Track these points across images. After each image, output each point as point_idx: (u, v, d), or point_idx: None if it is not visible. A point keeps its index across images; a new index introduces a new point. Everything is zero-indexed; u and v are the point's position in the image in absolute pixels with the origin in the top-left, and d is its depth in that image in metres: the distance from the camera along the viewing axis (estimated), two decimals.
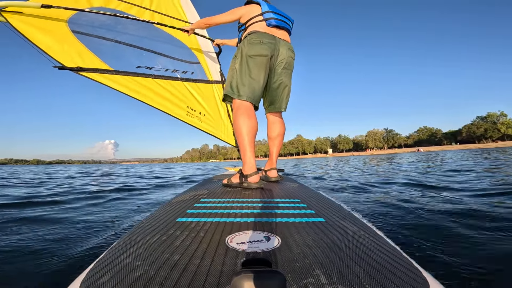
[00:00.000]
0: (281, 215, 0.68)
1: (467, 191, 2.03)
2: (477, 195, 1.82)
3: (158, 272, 0.36)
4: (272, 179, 1.41)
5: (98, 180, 4.77)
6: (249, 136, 1.18)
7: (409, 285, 0.34)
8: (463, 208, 1.43)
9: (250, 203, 0.81)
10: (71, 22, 1.67)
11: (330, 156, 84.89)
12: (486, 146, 56.11)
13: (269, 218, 0.64)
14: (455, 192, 2.00)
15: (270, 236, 0.51)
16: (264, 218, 0.64)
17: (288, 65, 1.37)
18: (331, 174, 4.84)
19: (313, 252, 0.44)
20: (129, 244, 0.47)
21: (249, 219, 0.63)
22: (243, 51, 1.26)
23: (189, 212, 0.71)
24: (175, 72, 2.06)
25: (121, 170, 12.39)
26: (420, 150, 66.59)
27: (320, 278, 0.35)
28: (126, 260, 0.40)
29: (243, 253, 0.43)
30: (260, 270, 0.28)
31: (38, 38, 1.53)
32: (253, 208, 0.74)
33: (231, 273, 0.36)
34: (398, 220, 1.30)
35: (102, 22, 1.80)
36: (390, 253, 0.44)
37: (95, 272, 0.37)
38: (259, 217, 0.65)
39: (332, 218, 0.67)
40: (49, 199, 2.31)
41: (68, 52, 1.62)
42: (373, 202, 1.81)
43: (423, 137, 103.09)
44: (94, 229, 1.31)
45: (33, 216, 1.59)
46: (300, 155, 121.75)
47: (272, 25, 1.32)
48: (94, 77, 1.70)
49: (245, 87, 1.23)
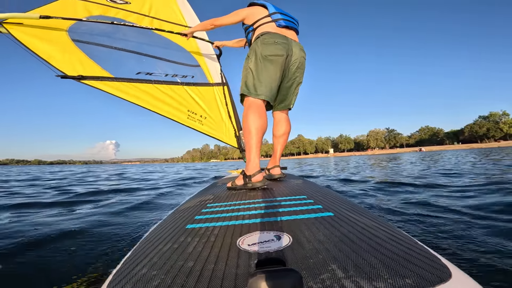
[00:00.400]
0: (289, 212, 0.68)
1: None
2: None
3: (174, 280, 0.36)
4: (276, 177, 1.42)
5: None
6: (258, 135, 1.19)
7: (429, 273, 0.33)
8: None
9: (257, 204, 0.81)
10: (71, 31, 1.70)
11: (332, 156, 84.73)
12: (488, 146, 55.77)
13: (277, 217, 0.64)
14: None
15: (280, 235, 0.51)
16: (272, 217, 0.64)
17: (301, 64, 1.39)
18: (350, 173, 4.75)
19: (326, 247, 0.44)
20: (143, 254, 0.48)
21: (258, 220, 0.63)
22: (257, 51, 1.26)
23: (197, 218, 0.71)
24: (175, 77, 2.07)
25: (133, 170, 12.10)
26: (422, 149, 66.25)
27: (336, 272, 0.35)
28: (143, 271, 0.40)
29: (256, 254, 0.42)
30: (275, 270, 0.28)
31: (39, 48, 1.55)
32: (260, 209, 0.74)
33: (246, 275, 0.36)
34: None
35: (101, 30, 1.81)
36: (405, 242, 0.43)
37: (115, 284, 0.37)
38: (267, 216, 0.65)
39: (341, 212, 0.66)
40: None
41: (69, 60, 1.64)
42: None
43: (425, 137, 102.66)
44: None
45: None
46: (301, 155, 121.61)
47: (282, 25, 1.33)
48: (95, 85, 1.72)
49: (262, 86, 1.23)
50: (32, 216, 1.68)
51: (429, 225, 1.18)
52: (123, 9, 1.91)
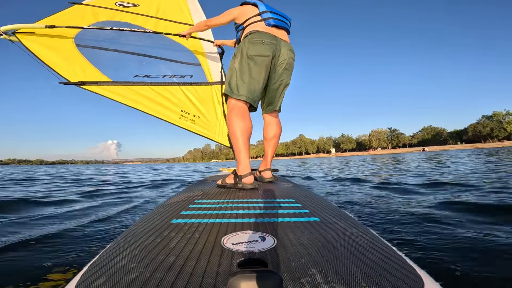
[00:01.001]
0: (276, 215, 0.68)
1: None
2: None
3: (153, 274, 0.35)
4: (267, 180, 1.41)
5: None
6: (243, 137, 1.17)
7: (403, 283, 0.34)
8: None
9: (245, 204, 0.81)
10: (77, 38, 1.77)
11: (333, 156, 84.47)
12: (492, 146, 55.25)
13: (264, 218, 0.64)
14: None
15: (265, 236, 0.51)
16: (259, 218, 0.64)
17: (289, 66, 1.35)
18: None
19: (309, 251, 0.44)
20: (123, 246, 0.47)
21: (244, 220, 0.63)
22: (244, 50, 1.24)
23: (183, 213, 0.70)
24: (172, 78, 2.11)
25: (147, 170, 11.65)
26: (426, 149, 65.67)
27: (316, 277, 0.35)
28: (121, 263, 0.39)
29: (239, 254, 0.43)
30: (256, 270, 0.28)
31: (46, 55, 1.64)
32: (248, 209, 0.74)
33: (227, 274, 0.36)
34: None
35: (106, 35, 1.90)
36: (385, 251, 0.45)
37: (90, 275, 0.36)
38: (254, 217, 0.65)
39: (327, 217, 0.66)
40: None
41: (72, 67, 1.72)
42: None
43: (428, 137, 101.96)
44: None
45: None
46: (303, 155, 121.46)
47: (271, 24, 1.30)
48: (94, 89, 1.79)
49: (245, 87, 1.21)
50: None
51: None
52: (131, 12, 1.97)
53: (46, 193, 2.80)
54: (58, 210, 1.79)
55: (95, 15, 1.82)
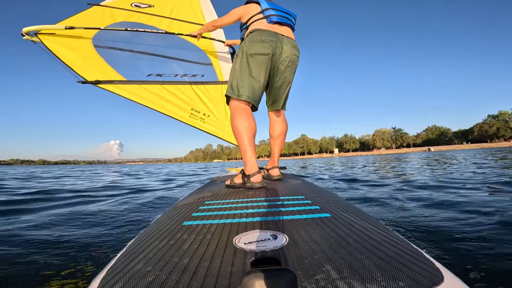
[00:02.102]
0: (286, 212, 0.68)
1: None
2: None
3: (169, 276, 0.36)
4: (275, 178, 1.41)
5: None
6: (248, 136, 1.17)
7: (422, 276, 0.34)
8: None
9: (255, 203, 0.81)
10: (95, 39, 1.84)
11: (337, 156, 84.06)
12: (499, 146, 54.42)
13: (275, 216, 0.64)
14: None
15: (277, 234, 0.51)
16: (270, 216, 0.64)
17: (292, 63, 1.33)
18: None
19: (321, 248, 0.44)
20: (138, 250, 0.48)
21: (255, 219, 0.63)
22: (244, 49, 1.24)
23: (194, 215, 0.71)
24: (184, 77, 2.15)
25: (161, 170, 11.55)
26: (431, 149, 64.86)
27: (330, 273, 0.35)
28: (137, 267, 0.40)
29: (252, 253, 0.43)
30: (270, 269, 0.28)
31: (66, 55, 1.70)
32: (257, 208, 0.74)
33: (241, 274, 0.36)
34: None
35: (122, 36, 1.95)
36: (400, 245, 0.44)
37: (108, 280, 0.37)
38: (264, 216, 0.65)
39: (338, 213, 0.66)
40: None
41: (90, 67, 1.78)
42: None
43: (432, 137, 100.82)
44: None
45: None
46: (305, 155, 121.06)
47: (273, 22, 1.29)
48: (109, 88, 1.84)
49: (245, 87, 1.20)
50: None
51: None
52: (146, 13, 2.04)
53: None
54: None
55: (113, 16, 1.88)
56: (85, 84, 1.76)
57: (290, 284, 0.27)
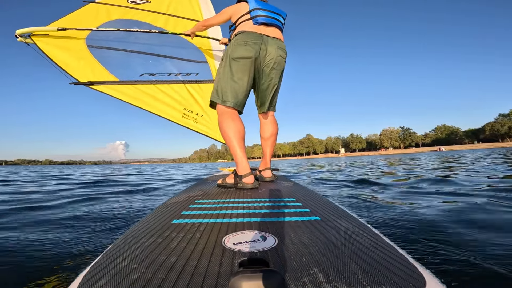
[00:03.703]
0: (277, 214, 0.68)
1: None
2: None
3: (155, 274, 0.36)
4: (267, 179, 1.40)
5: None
6: (237, 138, 1.17)
7: (405, 281, 0.34)
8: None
9: (246, 203, 0.81)
10: (88, 39, 1.83)
11: (343, 156, 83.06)
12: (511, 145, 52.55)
13: (265, 217, 0.64)
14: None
15: (266, 235, 0.51)
16: (260, 218, 0.64)
17: (278, 65, 1.30)
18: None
19: (310, 250, 0.44)
20: (125, 247, 0.47)
21: (245, 219, 0.63)
22: (228, 53, 1.23)
23: (184, 213, 0.71)
24: (178, 76, 2.13)
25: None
26: (442, 149, 63.40)
27: (317, 276, 0.35)
28: (122, 263, 0.39)
29: (240, 254, 0.42)
30: (258, 270, 0.28)
31: (59, 57, 1.71)
32: (248, 208, 0.74)
33: (229, 274, 0.36)
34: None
35: (116, 35, 1.94)
36: (386, 250, 0.44)
37: (91, 276, 0.36)
38: (254, 217, 0.65)
39: (328, 216, 0.66)
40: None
41: (83, 68, 1.79)
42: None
43: (442, 136, 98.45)
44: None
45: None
46: (311, 155, 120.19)
47: (259, 22, 1.26)
48: (101, 89, 1.84)
49: (228, 92, 1.20)
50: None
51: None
52: (143, 9, 2.01)
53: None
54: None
55: (108, 13, 1.87)
56: (78, 85, 1.76)
57: (278, 286, 0.27)
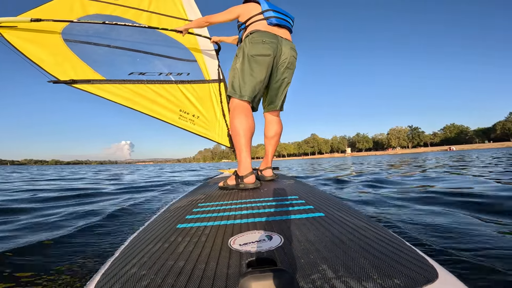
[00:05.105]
0: (281, 213, 0.67)
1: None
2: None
3: (165, 280, 0.35)
4: (268, 178, 1.41)
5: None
6: (247, 136, 1.18)
7: (416, 273, 0.33)
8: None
9: (249, 204, 0.81)
10: (64, 33, 1.66)
11: (349, 155, 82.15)
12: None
13: (269, 217, 0.64)
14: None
15: (272, 235, 0.51)
16: (264, 217, 0.64)
17: (291, 64, 1.35)
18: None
19: (316, 247, 0.44)
20: (133, 253, 0.47)
21: (249, 220, 0.62)
22: (245, 50, 1.25)
23: (188, 217, 0.70)
24: (169, 75, 1.99)
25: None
26: (453, 148, 62.20)
27: (326, 273, 0.35)
28: (132, 270, 0.39)
29: (247, 254, 0.42)
30: (267, 270, 0.28)
31: (32, 52, 1.54)
32: (251, 209, 0.74)
33: (237, 275, 0.36)
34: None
35: (96, 30, 1.79)
36: (393, 243, 0.44)
37: (103, 284, 0.36)
38: (258, 217, 0.65)
39: (332, 212, 0.66)
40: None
41: (61, 64, 1.63)
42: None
43: (451, 135, 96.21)
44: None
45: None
46: (316, 155, 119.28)
47: (273, 24, 1.30)
48: (86, 88, 1.70)
49: (246, 87, 1.22)
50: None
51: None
52: (121, 5, 1.86)
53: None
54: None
55: (84, 7, 1.72)
56: (58, 84, 1.61)
57: (288, 284, 0.27)
